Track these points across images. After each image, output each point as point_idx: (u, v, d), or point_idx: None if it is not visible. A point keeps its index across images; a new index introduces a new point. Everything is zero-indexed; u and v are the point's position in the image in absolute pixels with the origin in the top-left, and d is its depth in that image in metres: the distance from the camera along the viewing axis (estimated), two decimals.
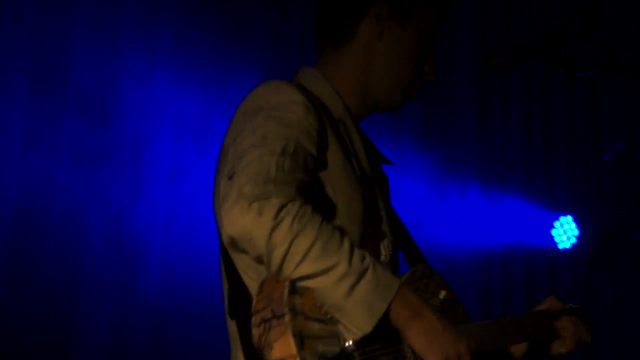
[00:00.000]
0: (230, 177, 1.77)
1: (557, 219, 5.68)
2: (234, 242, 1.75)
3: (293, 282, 1.74)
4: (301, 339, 1.71)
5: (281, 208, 1.70)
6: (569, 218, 5.67)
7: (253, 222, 1.70)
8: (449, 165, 5.45)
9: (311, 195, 1.84)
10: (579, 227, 5.66)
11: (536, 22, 5.76)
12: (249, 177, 1.74)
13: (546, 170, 5.84)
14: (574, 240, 5.66)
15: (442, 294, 1.97)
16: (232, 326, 1.94)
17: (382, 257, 2.03)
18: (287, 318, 1.71)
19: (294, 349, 1.70)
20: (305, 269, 1.72)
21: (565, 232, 5.67)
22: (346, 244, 1.75)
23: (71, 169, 4.52)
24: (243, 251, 1.77)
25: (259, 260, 1.76)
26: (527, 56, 2.10)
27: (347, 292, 1.72)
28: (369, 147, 2.17)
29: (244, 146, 1.81)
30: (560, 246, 5.68)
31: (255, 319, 1.76)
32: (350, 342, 1.74)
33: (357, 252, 1.75)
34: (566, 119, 5.85)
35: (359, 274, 1.73)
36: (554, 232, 5.68)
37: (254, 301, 1.78)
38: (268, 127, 1.84)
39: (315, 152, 1.87)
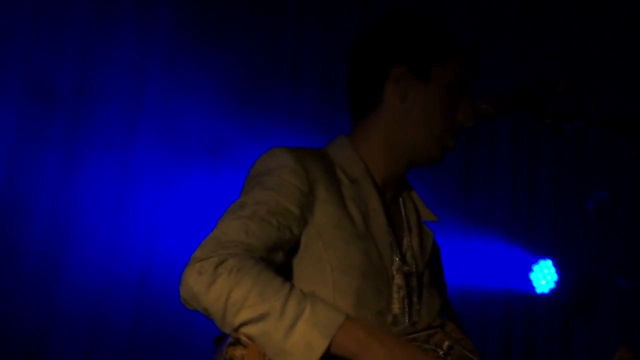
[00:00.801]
0: None
1: (536, 262, 5.69)
2: (185, 302, 1.89)
3: (237, 334, 1.83)
4: None
5: (219, 264, 1.85)
6: (549, 262, 5.67)
7: (194, 281, 1.85)
8: (433, 206, 5.46)
9: (292, 250, 2.02)
10: (558, 272, 5.65)
11: (525, 74, 5.84)
12: (205, 242, 1.92)
13: (529, 214, 5.86)
14: (552, 285, 5.64)
15: (446, 344, 1.99)
16: None
17: (395, 310, 2.10)
18: None
19: None
20: (243, 316, 1.82)
21: (544, 276, 5.66)
22: (284, 289, 1.84)
23: (58, 164, 4.59)
24: (195, 309, 1.89)
25: (207, 314, 1.88)
26: (515, 106, 2.12)
27: (285, 333, 1.80)
28: (402, 203, 2.30)
29: (225, 213, 2.00)
30: (538, 290, 5.67)
31: None
32: None
33: (295, 295, 1.84)
34: (551, 166, 5.89)
35: (296, 314, 1.81)
36: (532, 276, 5.68)
37: (214, 355, 1.88)
38: (251, 193, 2.03)
39: (298, 211, 2.02)
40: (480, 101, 2.18)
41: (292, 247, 2.04)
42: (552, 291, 5.64)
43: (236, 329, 1.83)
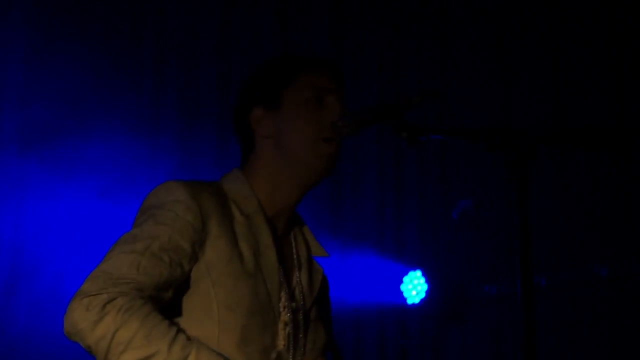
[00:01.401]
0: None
1: (406, 274, 5.76)
2: (69, 335, 1.88)
3: None
4: None
5: (108, 302, 1.85)
6: (418, 273, 5.76)
7: (80, 316, 1.84)
8: None
9: (182, 286, 2.03)
10: (427, 282, 5.75)
11: (385, 88, 5.95)
12: (95, 275, 1.90)
13: (396, 226, 5.94)
14: (422, 295, 5.74)
15: None
16: None
17: (280, 347, 2.13)
18: None
19: None
20: (127, 357, 1.83)
21: (414, 287, 5.75)
22: (170, 333, 1.87)
23: None
24: (78, 343, 1.88)
25: (90, 352, 1.88)
26: (372, 121, 2.15)
27: None
28: (293, 238, 2.31)
29: (116, 244, 1.99)
30: (409, 301, 5.75)
31: None
32: None
33: (180, 340, 1.87)
34: (415, 177, 6.00)
35: (180, 358, 1.85)
36: (402, 288, 5.75)
37: None
38: (144, 226, 2.03)
39: (189, 247, 2.02)
40: (337, 120, 2.21)
41: (181, 283, 2.04)
42: (422, 301, 5.73)
43: None
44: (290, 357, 2.14)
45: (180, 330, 1.91)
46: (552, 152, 5.21)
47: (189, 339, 1.90)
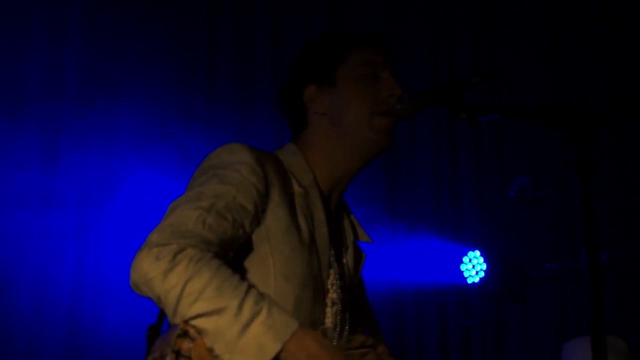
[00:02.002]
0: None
1: (465, 254, 5.77)
2: (136, 286, 1.85)
3: (185, 326, 1.82)
4: None
5: (178, 252, 1.83)
6: (477, 253, 5.76)
7: (150, 265, 1.81)
8: (357, 204, 5.49)
9: (242, 248, 2.01)
10: (486, 261, 5.74)
11: (439, 70, 5.93)
12: (162, 227, 1.88)
13: (453, 207, 5.94)
14: (482, 274, 5.74)
15: None
16: None
17: (328, 323, 2.13)
18: (168, 359, 1.79)
19: None
20: (198, 308, 1.81)
21: (473, 267, 5.75)
22: (242, 287, 1.84)
23: None
24: (145, 294, 1.86)
25: (159, 302, 1.85)
26: (430, 103, 2.16)
27: (240, 331, 1.80)
28: (341, 219, 2.32)
29: (180, 201, 1.98)
30: (470, 281, 5.76)
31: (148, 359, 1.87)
32: None
33: (252, 294, 1.84)
34: (472, 156, 5.98)
35: (252, 314, 1.82)
36: (462, 268, 5.76)
37: (155, 343, 1.88)
38: (208, 184, 2.00)
39: (252, 209, 2.02)
40: (395, 102, 2.21)
41: (241, 246, 2.03)
42: (482, 280, 5.73)
43: (187, 321, 1.82)
44: (336, 335, 2.14)
45: (251, 285, 1.87)
46: (609, 127, 5.16)
47: (260, 294, 1.86)
